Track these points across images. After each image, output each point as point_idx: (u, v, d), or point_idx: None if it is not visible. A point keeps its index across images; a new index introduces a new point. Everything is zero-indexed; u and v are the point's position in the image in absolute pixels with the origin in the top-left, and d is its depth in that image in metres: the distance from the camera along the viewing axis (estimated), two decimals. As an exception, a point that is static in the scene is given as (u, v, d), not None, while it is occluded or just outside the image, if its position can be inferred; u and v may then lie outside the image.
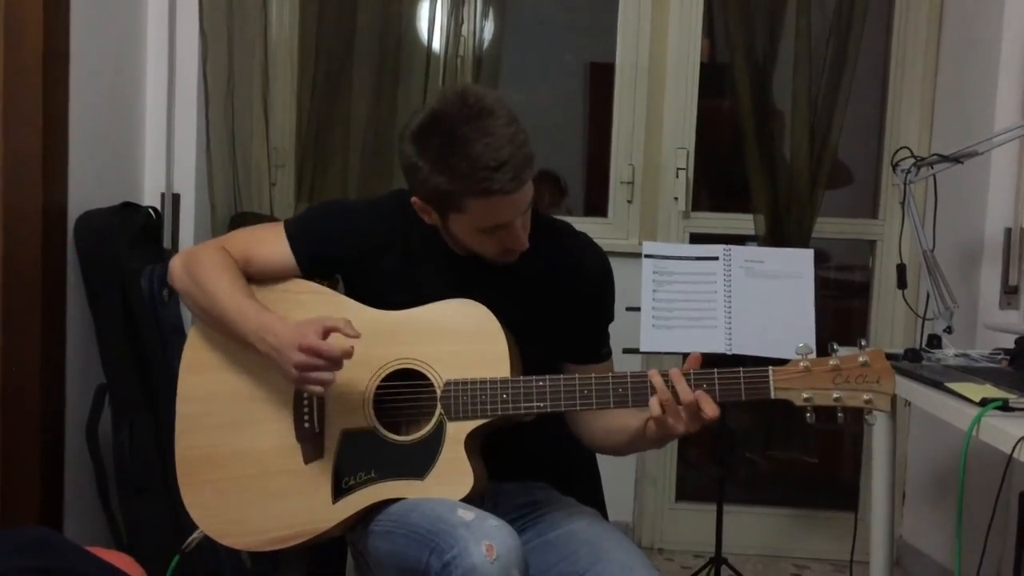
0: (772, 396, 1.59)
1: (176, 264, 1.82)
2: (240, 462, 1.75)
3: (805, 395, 1.58)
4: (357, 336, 1.63)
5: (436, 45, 3.27)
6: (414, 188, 1.70)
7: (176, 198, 2.97)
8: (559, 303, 1.80)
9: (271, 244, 1.80)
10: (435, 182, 1.63)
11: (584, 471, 1.96)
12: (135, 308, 2.58)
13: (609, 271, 1.88)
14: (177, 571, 2.02)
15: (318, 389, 1.64)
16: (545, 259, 1.80)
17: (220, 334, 1.78)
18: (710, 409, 1.57)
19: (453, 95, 1.64)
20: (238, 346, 1.75)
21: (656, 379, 1.59)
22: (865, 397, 1.57)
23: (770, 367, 1.59)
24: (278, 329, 1.66)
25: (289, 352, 1.62)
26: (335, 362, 1.63)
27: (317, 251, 1.80)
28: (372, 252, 1.79)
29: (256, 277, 1.79)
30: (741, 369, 1.60)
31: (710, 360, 2.56)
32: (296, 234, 1.80)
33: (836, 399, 1.58)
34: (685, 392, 1.57)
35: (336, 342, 1.62)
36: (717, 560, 2.85)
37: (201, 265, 1.77)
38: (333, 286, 1.84)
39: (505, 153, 1.58)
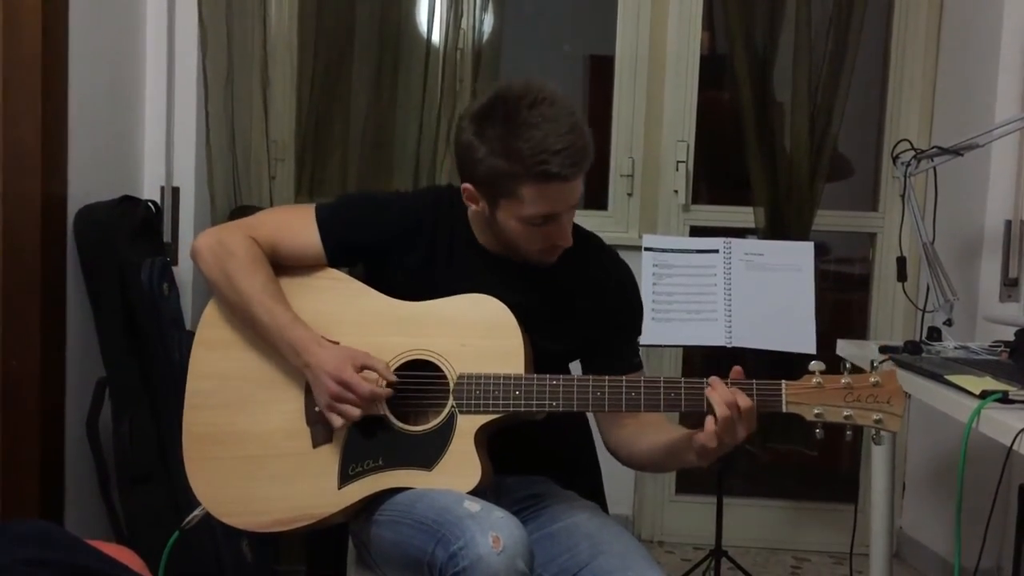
0: (784, 410, 1.59)
1: (203, 249, 1.78)
2: (248, 441, 1.75)
3: (816, 411, 1.59)
4: (394, 382, 1.68)
5: (435, 38, 3.26)
6: (468, 172, 1.69)
7: (176, 191, 2.96)
8: (587, 313, 1.80)
9: (300, 232, 1.79)
10: (492, 164, 1.63)
11: (585, 465, 1.95)
12: (135, 302, 2.57)
13: (636, 286, 1.90)
14: (176, 561, 2.02)
15: (339, 421, 1.67)
16: (575, 268, 1.81)
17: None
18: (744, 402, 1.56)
19: (517, 83, 1.65)
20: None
21: (713, 390, 1.58)
22: (875, 417, 1.58)
23: (783, 381, 1.60)
24: (316, 351, 1.68)
25: (324, 379, 1.66)
26: (365, 401, 1.65)
27: (344, 239, 1.79)
28: (398, 246, 1.78)
29: (282, 264, 1.79)
30: (755, 381, 1.60)
31: (713, 356, 2.58)
32: (326, 222, 1.79)
33: (846, 417, 1.59)
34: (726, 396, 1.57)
35: (368, 384, 1.65)
36: (717, 552, 2.85)
37: (235, 260, 1.75)
38: (350, 273, 1.83)
39: (567, 140, 1.61)
